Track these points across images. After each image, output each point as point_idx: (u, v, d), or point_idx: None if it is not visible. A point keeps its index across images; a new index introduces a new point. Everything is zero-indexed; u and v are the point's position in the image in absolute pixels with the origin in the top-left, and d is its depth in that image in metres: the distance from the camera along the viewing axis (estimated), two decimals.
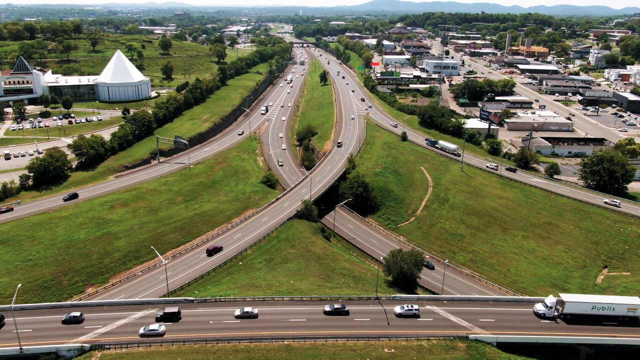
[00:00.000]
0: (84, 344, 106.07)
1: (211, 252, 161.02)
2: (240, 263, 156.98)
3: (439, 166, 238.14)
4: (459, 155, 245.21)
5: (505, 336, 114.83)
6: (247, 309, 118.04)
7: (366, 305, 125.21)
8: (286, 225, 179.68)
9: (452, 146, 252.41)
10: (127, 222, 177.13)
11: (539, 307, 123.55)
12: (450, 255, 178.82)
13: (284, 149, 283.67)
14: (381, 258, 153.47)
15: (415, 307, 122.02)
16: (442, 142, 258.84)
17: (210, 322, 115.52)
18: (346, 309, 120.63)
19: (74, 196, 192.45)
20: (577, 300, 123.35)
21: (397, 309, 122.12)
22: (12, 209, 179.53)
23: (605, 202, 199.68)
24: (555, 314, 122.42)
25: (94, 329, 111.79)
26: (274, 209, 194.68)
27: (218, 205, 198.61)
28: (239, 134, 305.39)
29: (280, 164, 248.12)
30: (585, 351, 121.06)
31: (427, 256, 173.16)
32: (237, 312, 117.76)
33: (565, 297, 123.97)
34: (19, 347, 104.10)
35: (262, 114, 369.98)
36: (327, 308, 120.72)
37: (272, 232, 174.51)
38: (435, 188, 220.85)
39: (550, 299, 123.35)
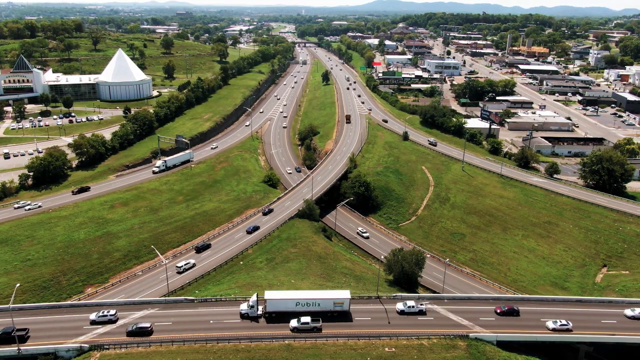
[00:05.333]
0: (82, 344, 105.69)
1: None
2: (241, 262, 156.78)
3: (440, 166, 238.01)
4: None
5: (506, 335, 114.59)
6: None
7: (367, 305, 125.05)
8: (287, 224, 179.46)
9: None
10: (127, 221, 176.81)
11: (243, 307, 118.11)
12: (451, 255, 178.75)
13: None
14: (382, 257, 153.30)
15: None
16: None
17: (211, 321, 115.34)
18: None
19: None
20: (279, 298, 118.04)
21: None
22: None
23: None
24: (259, 313, 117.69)
25: (93, 329, 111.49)
26: (275, 208, 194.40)
27: (219, 205, 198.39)
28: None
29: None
30: (584, 349, 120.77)
31: (429, 255, 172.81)
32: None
33: (266, 294, 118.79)
34: (17, 348, 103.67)
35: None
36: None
37: (273, 232, 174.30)
38: (436, 187, 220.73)
39: (253, 298, 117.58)
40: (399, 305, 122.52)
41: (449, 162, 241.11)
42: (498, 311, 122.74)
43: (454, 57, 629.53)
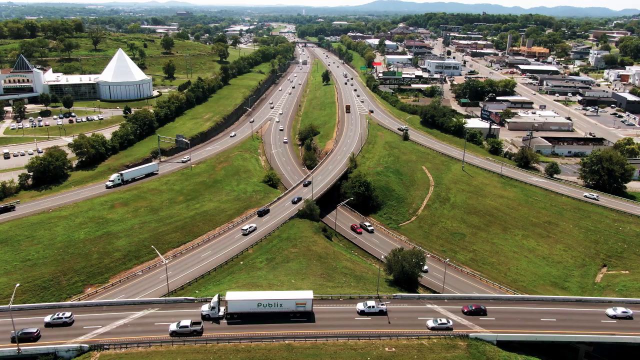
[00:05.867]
0: (82, 344, 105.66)
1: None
2: (242, 262, 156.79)
3: (440, 165, 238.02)
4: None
5: (506, 334, 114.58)
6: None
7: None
8: (288, 224, 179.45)
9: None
10: (127, 221, 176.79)
11: (204, 308, 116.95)
12: (451, 255, 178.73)
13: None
14: (382, 257, 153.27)
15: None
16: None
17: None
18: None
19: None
20: (240, 298, 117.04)
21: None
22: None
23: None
24: (221, 314, 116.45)
25: (93, 329, 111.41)
26: (276, 208, 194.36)
27: (219, 205, 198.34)
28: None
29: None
30: (584, 349, 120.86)
31: (429, 255, 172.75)
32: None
33: (228, 295, 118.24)
34: (16, 348, 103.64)
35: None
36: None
37: (273, 232, 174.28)
38: (436, 187, 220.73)
39: (214, 299, 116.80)
40: (359, 306, 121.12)
41: (449, 162, 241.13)
42: (465, 310, 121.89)
43: (454, 57, 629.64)
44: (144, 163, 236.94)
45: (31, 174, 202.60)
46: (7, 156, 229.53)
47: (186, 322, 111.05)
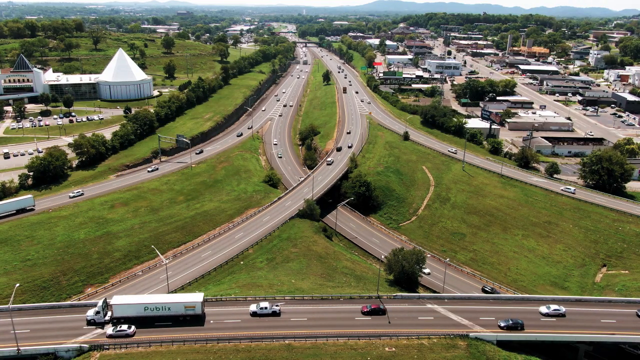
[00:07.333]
0: (82, 344, 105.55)
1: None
2: (242, 262, 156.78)
3: (440, 165, 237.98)
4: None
5: (506, 334, 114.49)
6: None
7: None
8: (288, 224, 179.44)
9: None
10: (127, 221, 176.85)
11: (90, 313, 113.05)
12: (451, 254, 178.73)
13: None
14: (382, 257, 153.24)
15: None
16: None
17: (211, 321, 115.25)
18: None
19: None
20: (125, 302, 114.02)
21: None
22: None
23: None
24: (106, 318, 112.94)
25: (92, 329, 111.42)
26: (276, 208, 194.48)
27: (220, 205, 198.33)
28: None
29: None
30: (584, 349, 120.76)
31: (429, 255, 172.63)
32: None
33: (113, 299, 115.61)
34: (16, 348, 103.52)
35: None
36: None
37: (273, 232, 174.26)
38: (436, 187, 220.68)
39: (99, 303, 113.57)
40: (252, 307, 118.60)
41: (450, 162, 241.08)
42: (364, 310, 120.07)
43: (454, 57, 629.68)
44: (144, 163, 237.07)
45: (31, 174, 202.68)
46: (7, 156, 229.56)
47: None
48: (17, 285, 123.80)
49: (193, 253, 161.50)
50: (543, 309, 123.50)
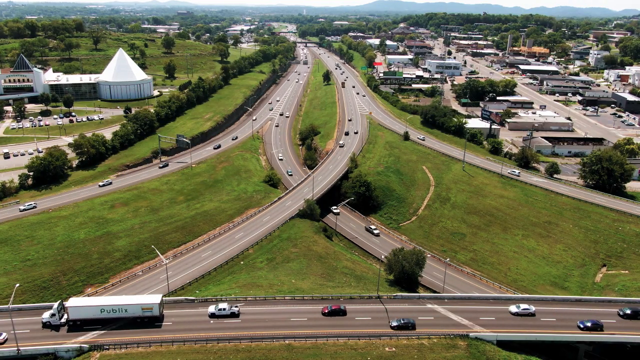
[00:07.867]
0: (82, 344, 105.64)
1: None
2: (242, 262, 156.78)
3: (440, 165, 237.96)
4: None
5: (506, 334, 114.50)
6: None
7: (367, 304, 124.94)
8: (288, 224, 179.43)
9: None
10: (127, 221, 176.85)
11: (45, 316, 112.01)
12: (451, 254, 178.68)
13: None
14: (383, 257, 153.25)
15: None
16: None
17: (211, 322, 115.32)
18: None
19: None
20: (81, 305, 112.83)
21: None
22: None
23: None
24: (62, 321, 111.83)
25: (92, 329, 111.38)
26: (276, 208, 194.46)
27: (220, 205, 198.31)
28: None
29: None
30: (584, 349, 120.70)
31: (429, 255, 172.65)
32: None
33: (69, 301, 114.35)
34: (16, 348, 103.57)
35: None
36: None
37: (274, 232, 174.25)
38: (437, 187, 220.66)
39: (55, 305, 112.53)
40: (211, 308, 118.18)
41: (450, 162, 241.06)
42: (325, 311, 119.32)
43: (454, 57, 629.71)
44: (144, 163, 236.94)
45: (31, 173, 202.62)
46: (7, 156, 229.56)
47: None
48: (17, 285, 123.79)
49: (193, 253, 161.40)
50: (513, 309, 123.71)
